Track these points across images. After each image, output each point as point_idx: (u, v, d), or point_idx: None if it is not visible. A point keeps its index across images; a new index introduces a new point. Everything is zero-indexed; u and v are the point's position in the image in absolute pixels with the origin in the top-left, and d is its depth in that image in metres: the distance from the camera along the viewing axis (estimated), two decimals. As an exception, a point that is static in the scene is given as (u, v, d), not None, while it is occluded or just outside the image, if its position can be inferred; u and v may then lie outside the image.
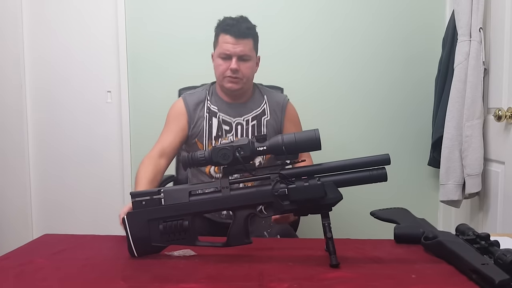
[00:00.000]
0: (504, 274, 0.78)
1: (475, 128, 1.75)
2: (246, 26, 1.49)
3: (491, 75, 1.78)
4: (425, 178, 2.31)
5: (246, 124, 1.56)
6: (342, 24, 2.27)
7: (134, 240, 1.02)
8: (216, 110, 1.56)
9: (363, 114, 2.29)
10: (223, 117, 1.55)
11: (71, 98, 2.40)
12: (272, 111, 1.59)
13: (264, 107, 1.59)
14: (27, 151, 2.42)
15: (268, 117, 1.57)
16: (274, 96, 1.64)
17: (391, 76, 2.28)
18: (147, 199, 1.02)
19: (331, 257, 0.93)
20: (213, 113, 1.56)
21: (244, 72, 1.50)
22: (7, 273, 0.93)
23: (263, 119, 1.57)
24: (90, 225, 2.39)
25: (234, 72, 1.48)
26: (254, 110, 1.57)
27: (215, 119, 1.55)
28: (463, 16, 1.79)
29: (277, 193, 0.97)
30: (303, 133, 0.97)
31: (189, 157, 1.00)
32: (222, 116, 1.55)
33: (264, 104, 1.59)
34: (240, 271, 0.92)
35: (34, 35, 2.39)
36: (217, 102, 1.57)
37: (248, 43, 1.49)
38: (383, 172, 0.96)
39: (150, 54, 2.31)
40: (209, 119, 1.55)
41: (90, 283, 0.88)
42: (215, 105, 1.57)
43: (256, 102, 1.59)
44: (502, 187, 1.68)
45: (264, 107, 1.59)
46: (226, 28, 1.48)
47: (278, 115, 1.60)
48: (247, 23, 1.51)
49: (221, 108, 1.56)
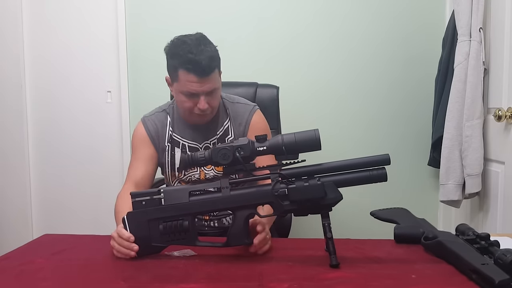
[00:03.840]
0: (504, 274, 0.78)
1: (475, 128, 1.75)
2: (208, 57, 1.25)
3: (491, 75, 1.78)
4: (425, 178, 2.31)
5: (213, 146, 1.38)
6: (342, 24, 2.26)
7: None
8: (179, 139, 1.42)
9: (363, 114, 2.29)
10: (189, 144, 1.42)
11: (71, 97, 2.40)
12: (235, 128, 1.45)
13: (227, 125, 1.44)
14: (27, 151, 2.41)
15: (231, 136, 1.44)
16: (238, 110, 1.46)
17: (391, 77, 2.28)
18: (147, 199, 1.02)
19: (331, 257, 0.93)
20: (176, 143, 1.42)
21: (214, 105, 1.34)
22: (7, 273, 0.93)
23: (226, 139, 1.43)
24: (90, 224, 2.38)
25: (204, 110, 1.31)
26: (218, 131, 1.43)
27: (177, 149, 1.42)
28: (463, 16, 1.79)
29: (277, 193, 0.97)
30: (303, 133, 0.97)
31: (189, 157, 0.99)
32: (188, 143, 1.42)
33: (227, 121, 1.45)
34: (240, 271, 0.92)
35: (34, 34, 2.38)
36: (180, 130, 1.43)
37: (215, 76, 1.30)
38: (383, 172, 0.96)
39: (151, 54, 2.31)
40: (171, 150, 1.42)
41: (90, 283, 0.88)
42: (178, 133, 1.43)
43: (220, 121, 1.44)
44: (502, 187, 1.68)
45: (228, 125, 1.44)
46: (188, 67, 1.25)
47: (241, 131, 1.44)
48: (208, 50, 1.27)
49: (186, 135, 1.43)
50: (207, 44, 1.29)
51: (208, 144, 1.43)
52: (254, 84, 1.91)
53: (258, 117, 1.47)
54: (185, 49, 1.25)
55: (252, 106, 1.48)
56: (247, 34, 2.27)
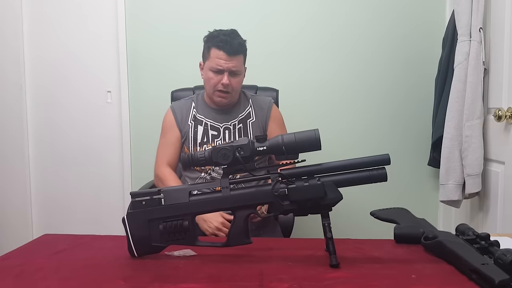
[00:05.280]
0: (504, 274, 0.78)
1: (475, 128, 1.75)
2: (238, 42, 1.56)
3: (491, 75, 1.78)
4: (425, 178, 2.31)
5: (233, 128, 1.65)
6: (341, 24, 2.27)
7: (134, 240, 1.02)
8: (202, 118, 1.66)
9: (363, 114, 2.29)
10: (211, 124, 1.65)
11: (71, 98, 2.40)
12: (257, 113, 1.68)
13: (249, 110, 1.68)
14: (27, 151, 2.42)
15: (253, 119, 1.66)
16: (258, 99, 1.74)
17: (391, 76, 2.28)
18: (147, 199, 1.02)
19: (331, 257, 0.93)
20: (199, 121, 1.66)
21: (234, 86, 1.59)
22: (7, 273, 0.93)
23: (248, 121, 1.66)
24: (90, 224, 2.38)
25: (226, 86, 1.56)
26: (240, 114, 1.67)
27: (200, 126, 1.65)
28: (463, 16, 1.79)
29: (277, 193, 0.97)
30: (303, 133, 0.97)
31: (189, 157, 0.99)
32: (210, 122, 1.65)
33: (249, 107, 1.69)
34: (240, 271, 0.92)
35: (34, 34, 2.39)
36: (204, 111, 1.67)
37: (240, 59, 1.58)
38: (383, 172, 0.96)
39: (151, 54, 2.31)
40: (194, 127, 1.65)
41: (90, 283, 0.88)
42: (202, 114, 1.67)
43: (242, 107, 1.69)
44: (502, 187, 1.68)
45: (250, 110, 1.68)
46: (219, 45, 1.54)
47: (263, 116, 1.69)
48: (239, 38, 1.58)
49: (209, 115, 1.66)
50: (239, 36, 1.60)
51: (228, 125, 1.65)
52: (254, 87, 1.91)
53: (276, 109, 1.76)
54: (220, 33, 1.57)
55: (270, 99, 1.75)
56: (247, 34, 2.25)
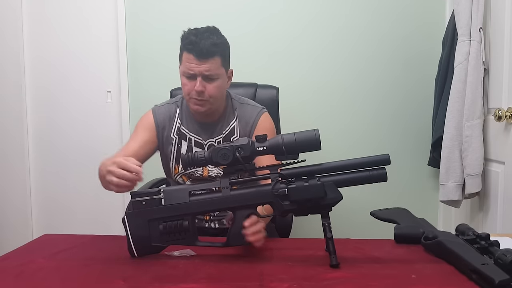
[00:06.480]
0: (504, 274, 0.78)
1: (475, 128, 1.75)
2: (211, 43, 1.32)
3: (491, 75, 1.78)
4: (425, 178, 2.31)
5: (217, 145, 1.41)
6: (342, 24, 2.26)
7: (134, 240, 1.02)
8: (186, 132, 1.48)
9: (363, 114, 2.29)
10: (195, 139, 1.47)
11: (71, 98, 2.40)
12: (241, 129, 1.48)
13: (234, 125, 1.48)
14: (27, 151, 2.41)
15: (237, 136, 1.48)
16: (246, 111, 1.50)
17: (391, 76, 2.28)
18: (147, 199, 1.02)
19: (331, 257, 0.93)
20: (183, 136, 1.47)
21: (211, 93, 1.36)
22: (7, 273, 0.93)
23: (231, 139, 1.47)
24: (90, 225, 2.38)
25: (200, 94, 1.35)
26: (224, 130, 1.48)
27: (184, 142, 1.47)
28: (463, 16, 1.79)
29: (277, 193, 0.97)
30: (303, 133, 0.97)
31: (189, 157, 1.00)
32: (194, 138, 1.47)
33: (234, 121, 1.49)
34: (240, 271, 0.92)
35: (34, 35, 2.38)
36: (188, 123, 1.48)
37: (215, 61, 1.34)
38: (383, 172, 0.96)
39: (151, 54, 2.31)
40: (178, 142, 1.47)
41: (90, 283, 0.88)
42: (186, 126, 1.48)
43: (226, 121, 1.49)
44: (502, 187, 1.68)
45: (234, 125, 1.48)
46: (189, 47, 1.34)
47: (247, 131, 1.48)
48: (212, 38, 1.34)
49: (193, 129, 1.48)
50: (215, 34, 1.37)
51: (212, 142, 1.46)
52: (254, 84, 1.90)
53: (265, 119, 1.50)
54: (190, 33, 1.36)
55: (261, 108, 1.52)
56: (247, 34, 2.27)
